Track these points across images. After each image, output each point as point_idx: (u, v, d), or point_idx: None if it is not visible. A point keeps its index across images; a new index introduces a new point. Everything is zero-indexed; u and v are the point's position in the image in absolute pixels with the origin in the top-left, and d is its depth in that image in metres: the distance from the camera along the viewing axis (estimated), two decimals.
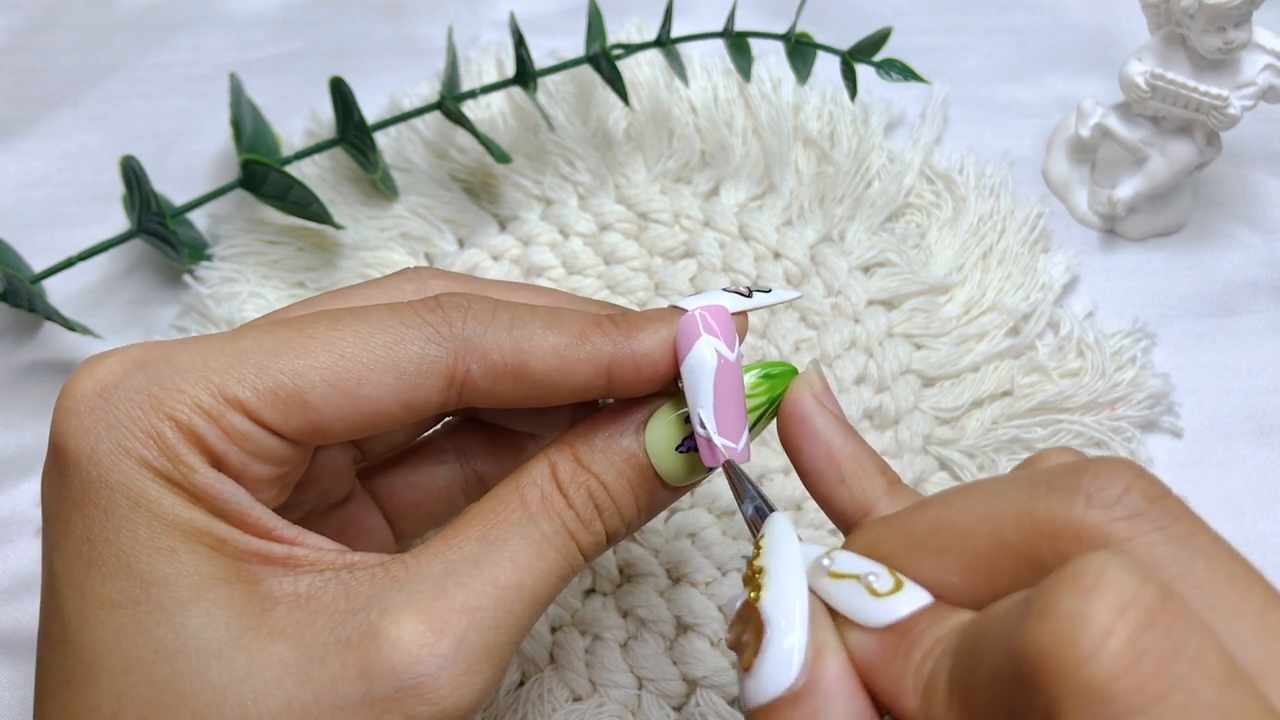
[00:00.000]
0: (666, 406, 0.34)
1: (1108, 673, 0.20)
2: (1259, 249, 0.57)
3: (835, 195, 0.56)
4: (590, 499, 0.33)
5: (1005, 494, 0.26)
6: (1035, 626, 0.21)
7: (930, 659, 0.25)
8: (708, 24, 0.59)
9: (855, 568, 0.28)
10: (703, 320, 0.32)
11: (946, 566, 0.26)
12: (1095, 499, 0.24)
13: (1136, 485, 0.24)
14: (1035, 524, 0.25)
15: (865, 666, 0.27)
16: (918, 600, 0.26)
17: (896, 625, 0.26)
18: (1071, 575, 0.21)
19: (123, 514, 0.29)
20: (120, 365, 0.30)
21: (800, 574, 0.28)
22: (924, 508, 0.28)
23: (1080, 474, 0.25)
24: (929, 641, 0.26)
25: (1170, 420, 0.51)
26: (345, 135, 0.54)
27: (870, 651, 0.27)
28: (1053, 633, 0.21)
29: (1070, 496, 0.24)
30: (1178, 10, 0.49)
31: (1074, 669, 0.20)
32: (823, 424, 0.32)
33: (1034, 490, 0.25)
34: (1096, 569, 0.21)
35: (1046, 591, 0.21)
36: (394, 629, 0.29)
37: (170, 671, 0.28)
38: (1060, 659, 0.20)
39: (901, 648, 0.26)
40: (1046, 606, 0.21)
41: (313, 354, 0.31)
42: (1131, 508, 0.24)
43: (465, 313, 0.32)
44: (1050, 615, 0.21)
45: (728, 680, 0.45)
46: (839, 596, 0.27)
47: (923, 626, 0.26)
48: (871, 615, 0.27)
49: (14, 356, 0.55)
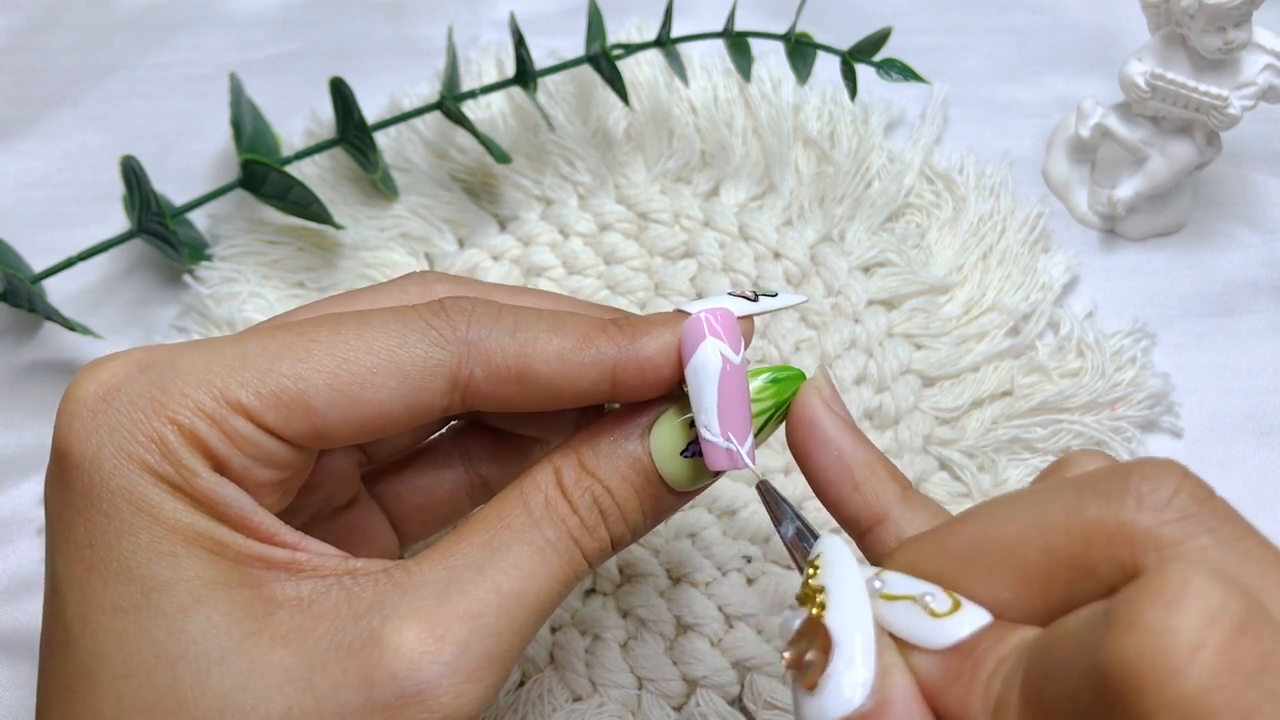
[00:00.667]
0: (672, 411, 0.33)
1: (1200, 687, 0.19)
2: (1259, 249, 0.57)
3: (835, 195, 0.56)
4: (595, 504, 0.32)
5: (1050, 502, 0.25)
6: (1120, 641, 0.20)
7: (998, 678, 0.24)
8: (708, 24, 0.59)
9: (909, 588, 0.27)
10: (707, 323, 0.32)
11: (998, 582, 0.26)
12: (1145, 501, 0.24)
13: (1184, 486, 0.24)
14: (1085, 531, 0.24)
15: (929, 688, 0.26)
16: (978, 619, 0.26)
17: (959, 646, 0.26)
18: (1154, 587, 0.21)
19: (124, 518, 0.29)
20: (123, 369, 0.30)
21: (863, 594, 0.27)
22: (964, 522, 0.27)
23: (1127, 477, 0.24)
24: (994, 661, 0.25)
25: (1170, 420, 0.51)
26: (345, 135, 0.54)
27: (933, 673, 0.26)
28: (1140, 647, 0.20)
29: (1119, 500, 0.24)
30: (1178, 10, 0.49)
31: (1165, 684, 0.20)
32: (833, 429, 0.32)
33: (1080, 496, 0.25)
34: (1180, 579, 0.20)
35: (1129, 604, 0.21)
36: (395, 636, 0.29)
37: (171, 676, 0.28)
38: (1150, 674, 0.20)
39: (966, 668, 0.25)
40: (1131, 620, 0.20)
41: (316, 357, 0.30)
42: (1182, 510, 0.23)
43: (469, 316, 0.32)
44: (1135, 629, 0.20)
45: (728, 680, 0.45)
46: (895, 618, 0.27)
47: (986, 645, 0.25)
48: (932, 637, 0.26)
49: (14, 356, 0.55)
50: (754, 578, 0.47)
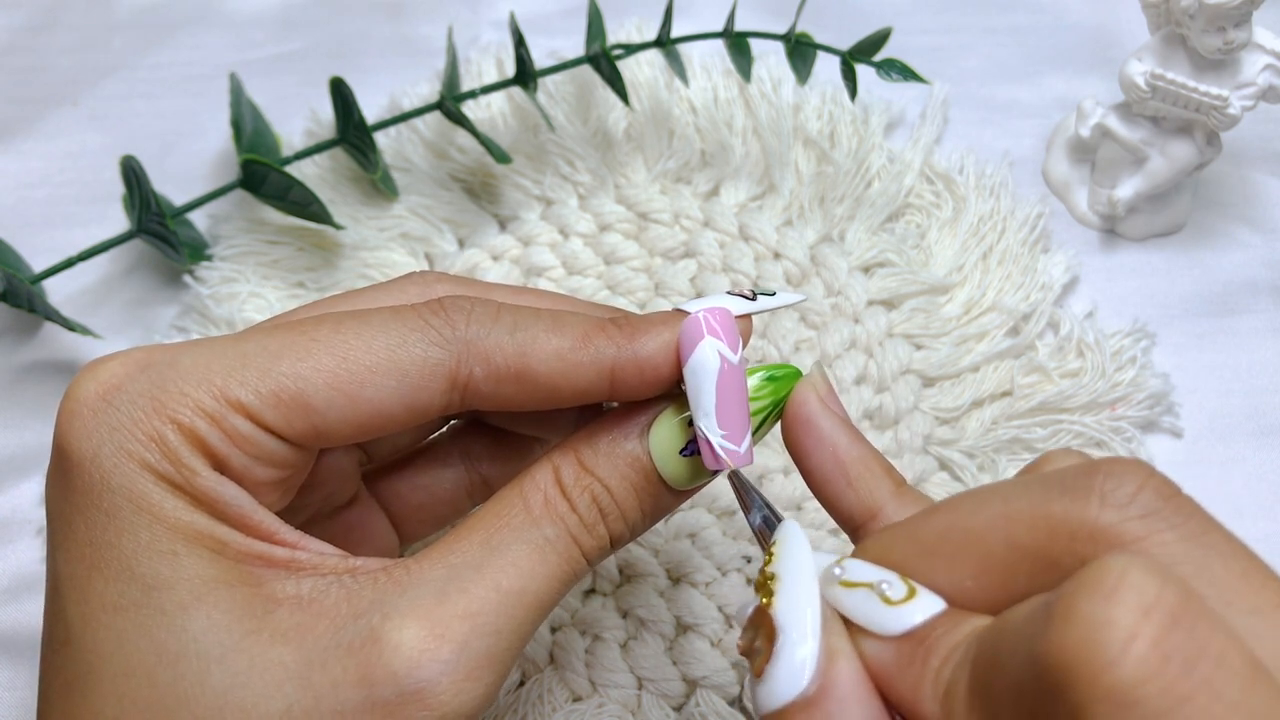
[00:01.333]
0: (671, 410, 0.33)
1: (1133, 677, 0.20)
2: (1259, 249, 0.57)
3: (835, 195, 0.56)
4: (594, 503, 0.32)
5: (1017, 496, 0.26)
6: (1057, 632, 0.21)
7: (948, 666, 0.25)
8: (708, 24, 0.59)
9: (867, 575, 0.27)
10: (706, 322, 0.32)
11: (960, 571, 0.26)
12: (1109, 499, 0.24)
13: (1149, 484, 0.24)
14: (1049, 525, 0.24)
15: (881, 674, 0.26)
16: (932, 607, 0.26)
17: (912, 633, 0.26)
18: (1092, 579, 0.21)
19: (125, 517, 0.29)
20: (123, 368, 0.30)
21: (813, 580, 0.28)
22: (934, 513, 0.27)
23: (1093, 474, 0.25)
24: (946, 648, 0.25)
25: (1170, 420, 0.51)
26: (345, 135, 0.54)
27: (886, 659, 0.26)
28: (1076, 638, 0.20)
29: (1084, 497, 0.24)
30: (1178, 10, 0.49)
31: (1099, 674, 0.20)
32: (829, 426, 0.32)
33: (1047, 491, 0.25)
34: (1117, 572, 0.21)
35: (1067, 596, 0.21)
36: (395, 634, 0.29)
37: (171, 675, 0.28)
38: (1084, 664, 0.20)
39: (918, 655, 0.26)
40: (1068, 611, 0.21)
41: (315, 357, 0.30)
42: (1145, 507, 0.24)
43: (468, 315, 0.32)
44: (1072, 620, 0.21)
45: (728, 680, 0.45)
46: (852, 605, 0.27)
47: (939, 633, 0.26)
48: (886, 623, 0.26)
49: (14, 356, 0.55)
50: (754, 578, 0.47)
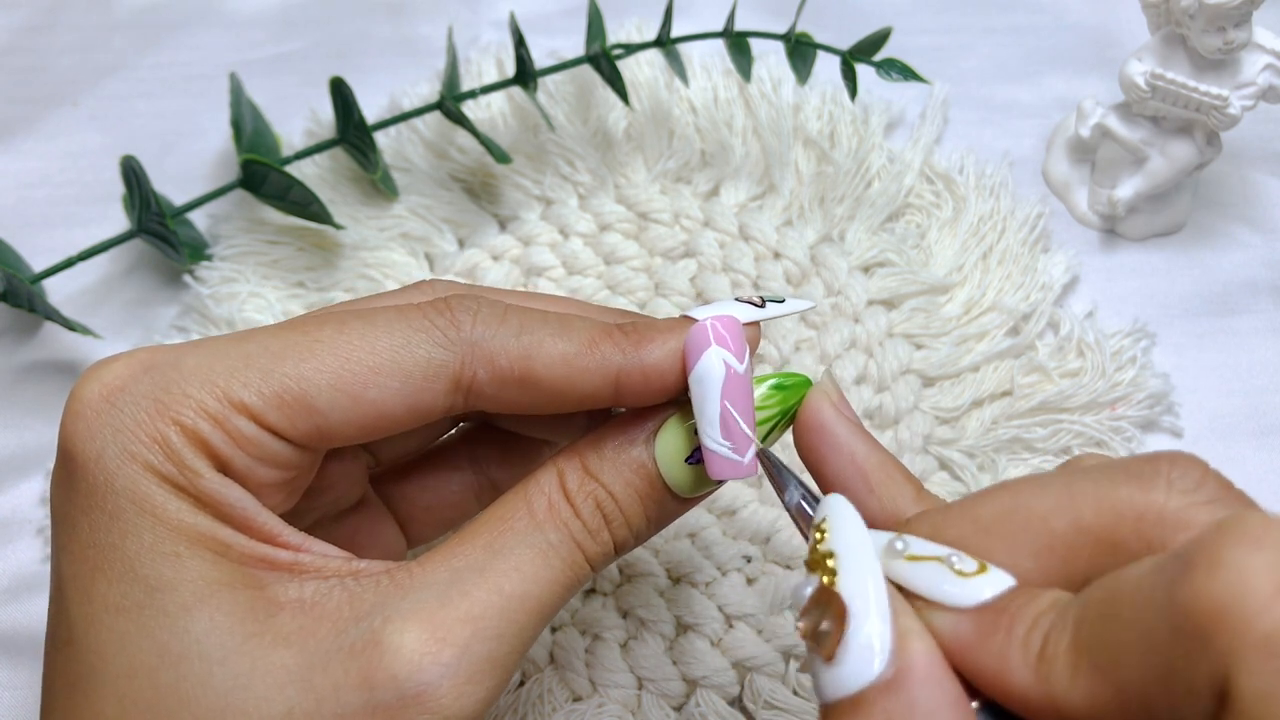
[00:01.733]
0: (677, 417, 0.33)
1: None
2: (1259, 249, 0.57)
3: (835, 195, 0.56)
4: (598, 509, 0.32)
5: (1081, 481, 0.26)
6: (1202, 578, 0.21)
7: (1039, 630, 0.25)
8: (708, 24, 0.59)
9: (932, 550, 0.27)
10: (713, 330, 0.32)
11: (1020, 550, 0.26)
12: (1176, 484, 0.25)
13: (1210, 475, 0.25)
14: (1116, 508, 0.25)
15: (957, 648, 0.26)
16: (1004, 582, 0.26)
17: (988, 605, 0.26)
18: (1237, 528, 0.21)
19: (128, 519, 0.29)
20: (127, 369, 0.30)
21: (874, 556, 0.27)
22: (991, 494, 0.28)
23: (1158, 462, 0.25)
24: (1031, 615, 0.25)
25: (1170, 420, 0.52)
26: (345, 135, 0.54)
27: (962, 632, 0.26)
28: (1223, 583, 0.20)
29: (1151, 482, 0.25)
30: (1178, 10, 0.49)
31: (1251, 620, 0.20)
32: (845, 433, 0.32)
33: (1113, 478, 0.26)
34: (1261, 522, 0.21)
35: (1210, 545, 0.21)
36: (396, 637, 0.29)
37: (173, 676, 0.28)
38: (1234, 610, 0.20)
39: (1001, 624, 0.25)
40: (1214, 559, 0.21)
41: (319, 357, 0.30)
42: (1210, 494, 0.25)
43: (474, 316, 0.32)
44: (1220, 567, 0.21)
45: (728, 680, 0.45)
46: (920, 579, 0.27)
47: (1018, 604, 0.26)
48: (960, 596, 0.26)
49: (14, 356, 0.55)
50: (754, 578, 0.47)
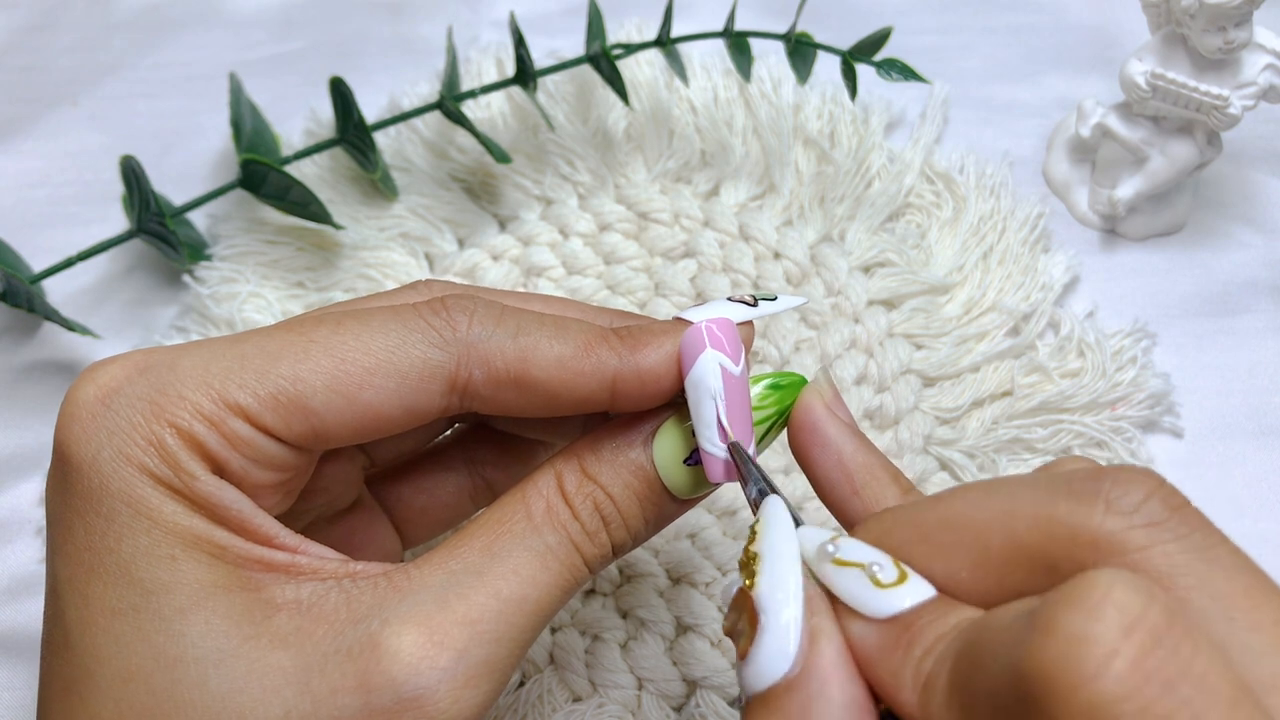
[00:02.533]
0: (674, 418, 0.33)
1: (1111, 694, 0.20)
2: (1259, 249, 0.57)
3: (835, 195, 0.56)
4: (596, 511, 0.32)
5: (1024, 494, 0.25)
6: (1038, 643, 0.21)
7: (931, 656, 0.25)
8: (708, 24, 0.59)
9: (860, 556, 0.27)
10: (708, 334, 0.32)
11: (956, 561, 0.26)
12: (1115, 505, 0.24)
13: (1157, 494, 0.24)
14: (1052, 526, 0.24)
15: (864, 656, 0.26)
16: (921, 593, 0.26)
17: (899, 617, 0.26)
18: (1076, 593, 0.21)
19: (124, 521, 0.29)
20: (122, 371, 0.30)
21: (795, 559, 0.27)
22: (938, 500, 0.27)
23: (1101, 479, 0.24)
24: (931, 637, 0.25)
25: (1170, 420, 0.51)
26: (345, 135, 0.54)
27: (870, 642, 0.26)
28: (1056, 651, 0.20)
29: (1090, 501, 0.24)
30: (1178, 10, 0.49)
31: (1076, 689, 0.20)
32: (835, 433, 0.32)
33: (1053, 492, 0.25)
34: (1103, 587, 0.21)
35: (1050, 608, 0.21)
36: (394, 640, 0.29)
37: (169, 680, 0.28)
38: (1063, 678, 0.20)
39: (902, 641, 0.26)
40: (1050, 624, 0.21)
41: (314, 358, 0.30)
42: (1150, 516, 0.24)
43: (470, 316, 0.32)
44: (1054, 633, 0.20)
45: (728, 680, 0.45)
46: (841, 584, 0.27)
47: (925, 621, 0.26)
48: (873, 605, 0.26)
49: (14, 356, 0.55)
50: None
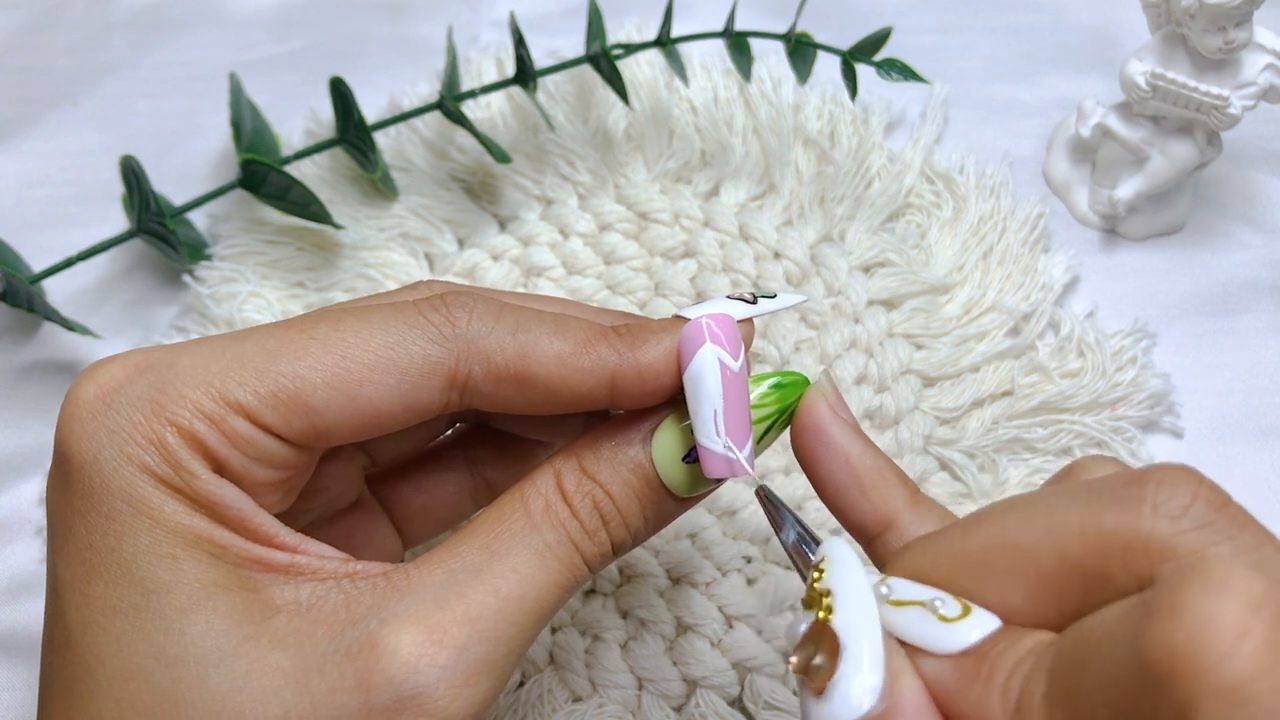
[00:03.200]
0: (674, 416, 0.33)
1: (1246, 673, 0.19)
2: (1259, 249, 0.56)
3: (835, 195, 0.56)
4: (595, 509, 0.32)
5: (1065, 509, 0.25)
6: (1163, 627, 0.20)
7: (1016, 678, 0.24)
8: (708, 24, 0.59)
9: (917, 594, 0.27)
10: (707, 329, 0.32)
11: (1009, 588, 0.26)
12: (1162, 509, 0.23)
13: (1201, 493, 0.24)
14: (1102, 539, 0.24)
15: (942, 693, 0.26)
16: (989, 625, 0.26)
17: (971, 651, 0.25)
18: (1199, 575, 0.21)
19: (124, 520, 0.29)
20: (122, 370, 0.30)
21: (871, 598, 0.27)
22: (976, 527, 0.27)
23: (1144, 484, 0.24)
24: (1011, 661, 0.25)
25: (1170, 420, 0.51)
26: (345, 135, 0.54)
27: (945, 677, 0.26)
28: (1184, 632, 0.20)
29: (1136, 508, 0.24)
30: (1178, 10, 0.49)
31: (1210, 670, 0.20)
32: (840, 435, 0.32)
33: (1097, 504, 0.24)
34: (1222, 568, 0.20)
35: (1172, 591, 0.21)
36: (393, 639, 0.29)
37: (170, 679, 0.28)
38: (1194, 660, 0.20)
39: (981, 672, 0.25)
40: (1175, 607, 0.20)
41: (313, 355, 0.30)
42: (1200, 518, 0.23)
43: (470, 313, 0.32)
44: (1180, 615, 0.20)
45: (728, 681, 0.45)
46: (904, 624, 0.26)
47: (1000, 649, 0.25)
48: (943, 642, 0.26)
49: (14, 356, 0.55)
50: (754, 578, 0.47)
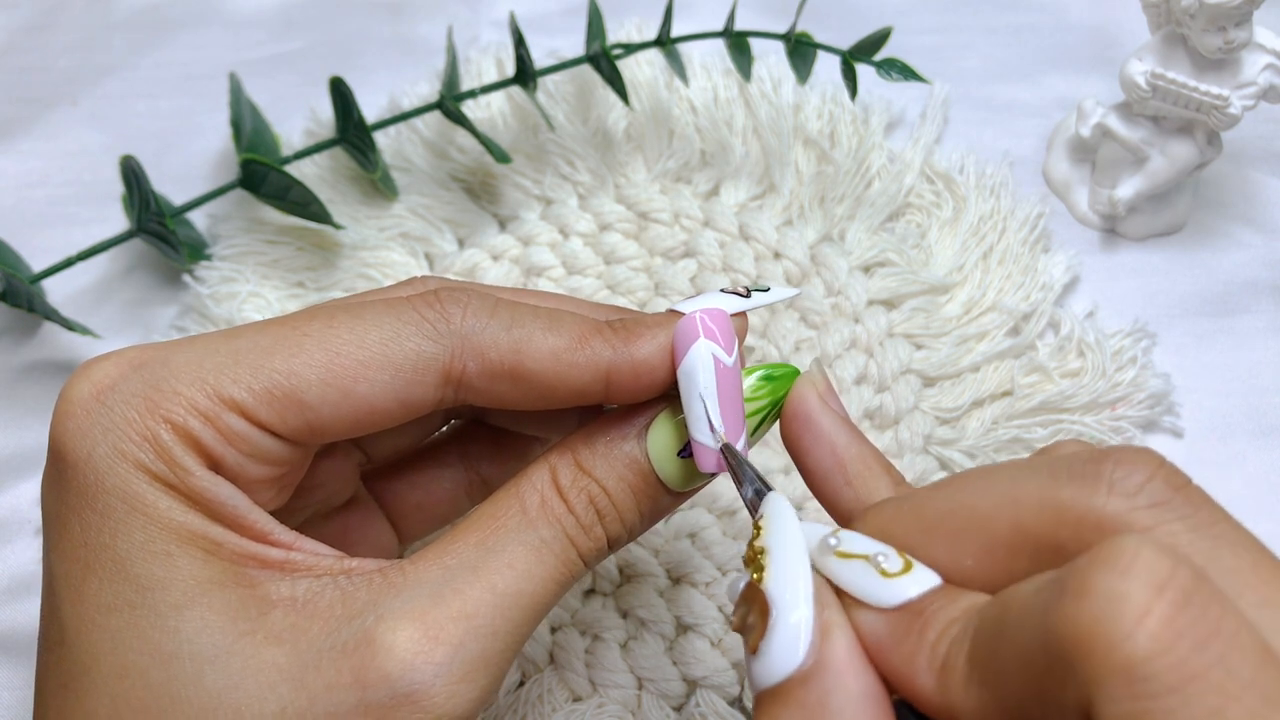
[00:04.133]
0: (668, 411, 0.33)
1: (1146, 651, 0.20)
2: (1259, 249, 0.56)
3: (835, 195, 0.56)
4: (591, 504, 0.32)
5: (1026, 479, 0.25)
6: (1070, 605, 0.21)
7: (945, 639, 0.25)
8: (708, 24, 0.59)
9: (863, 548, 0.27)
10: (701, 323, 0.32)
11: (961, 550, 0.26)
12: (1118, 487, 0.24)
13: (1159, 474, 0.24)
14: (1057, 511, 0.24)
15: (874, 647, 0.26)
16: (927, 581, 0.26)
17: (907, 606, 0.26)
18: (1106, 555, 0.21)
19: (119, 517, 0.29)
20: (117, 368, 0.30)
21: (802, 552, 0.27)
22: (939, 490, 0.27)
23: (1102, 461, 0.24)
24: (943, 621, 0.25)
25: (1170, 420, 0.51)
26: (345, 135, 0.54)
27: (880, 632, 0.26)
28: (1089, 611, 0.20)
29: (1093, 484, 0.24)
30: (1178, 10, 0.49)
31: (1112, 648, 0.20)
32: (828, 424, 0.32)
33: (1055, 476, 0.25)
34: (1131, 549, 0.21)
35: (1081, 571, 0.21)
36: (389, 636, 0.29)
37: (165, 676, 0.28)
38: (1097, 638, 0.20)
39: (914, 628, 0.25)
40: (1082, 585, 0.21)
41: (308, 352, 0.30)
42: (1154, 496, 0.24)
43: (464, 308, 0.32)
44: (1086, 594, 0.21)
45: (728, 680, 0.45)
46: (846, 576, 0.27)
47: (935, 607, 0.26)
48: (881, 595, 0.26)
49: (14, 356, 0.55)
50: None
